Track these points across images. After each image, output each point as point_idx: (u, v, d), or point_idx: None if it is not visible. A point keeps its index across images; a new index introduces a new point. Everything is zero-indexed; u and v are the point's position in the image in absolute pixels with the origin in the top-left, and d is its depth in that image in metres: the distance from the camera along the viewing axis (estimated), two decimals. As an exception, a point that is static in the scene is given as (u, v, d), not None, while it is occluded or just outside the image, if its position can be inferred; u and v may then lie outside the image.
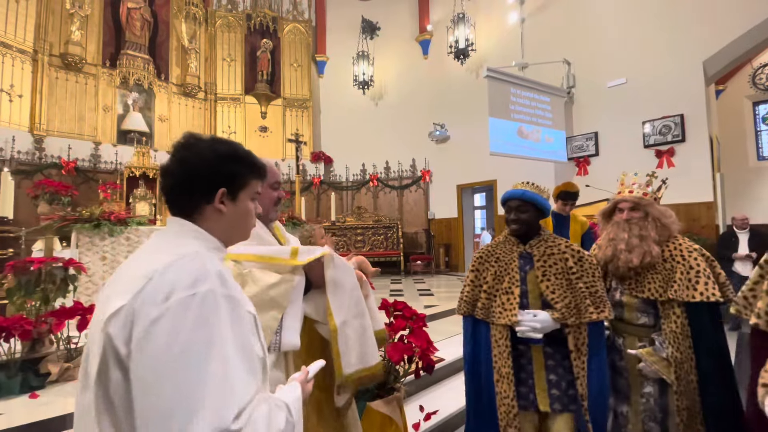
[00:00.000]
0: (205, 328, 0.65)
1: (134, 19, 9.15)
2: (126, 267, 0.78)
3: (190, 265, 0.71)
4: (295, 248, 1.35)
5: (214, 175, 0.82)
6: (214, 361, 0.64)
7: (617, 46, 6.91)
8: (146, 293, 0.66)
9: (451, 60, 9.07)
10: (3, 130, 7.20)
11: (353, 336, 1.38)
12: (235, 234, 0.89)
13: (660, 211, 1.73)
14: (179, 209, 0.83)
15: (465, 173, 9.20)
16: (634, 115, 6.63)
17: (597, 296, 1.62)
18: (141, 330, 0.64)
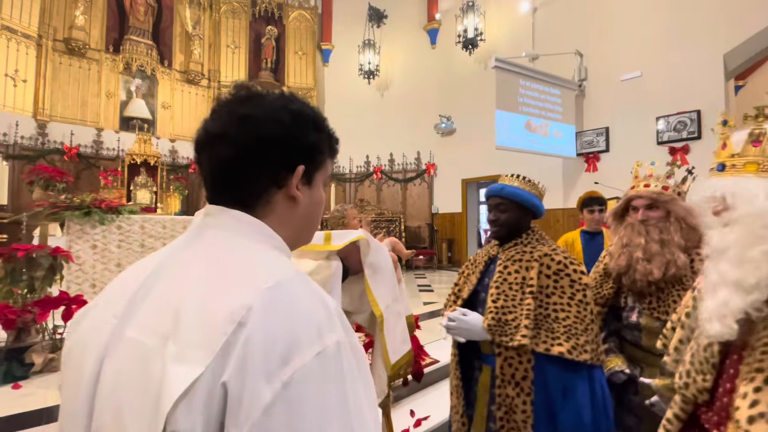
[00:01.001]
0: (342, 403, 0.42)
1: (138, 4, 9.03)
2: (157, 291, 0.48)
3: (303, 299, 0.45)
4: (328, 233, 1.26)
5: (294, 145, 0.56)
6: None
7: (632, 38, 6.63)
8: (244, 353, 0.39)
9: (459, 50, 8.83)
10: (7, 115, 7.17)
11: (393, 322, 1.33)
12: (305, 233, 0.63)
13: (686, 208, 1.35)
14: (234, 196, 0.55)
15: (470, 167, 9.01)
16: (648, 110, 6.38)
17: (564, 324, 1.26)
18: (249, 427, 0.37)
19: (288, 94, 0.61)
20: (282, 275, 0.46)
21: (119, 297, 0.50)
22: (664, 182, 1.42)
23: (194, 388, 0.38)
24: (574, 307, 1.28)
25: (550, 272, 1.33)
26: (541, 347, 1.25)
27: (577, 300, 1.29)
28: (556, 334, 1.26)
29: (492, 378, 1.35)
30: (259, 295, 0.42)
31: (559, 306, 1.29)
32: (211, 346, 0.39)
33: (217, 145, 0.55)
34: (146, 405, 0.40)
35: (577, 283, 1.31)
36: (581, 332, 1.25)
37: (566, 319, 1.27)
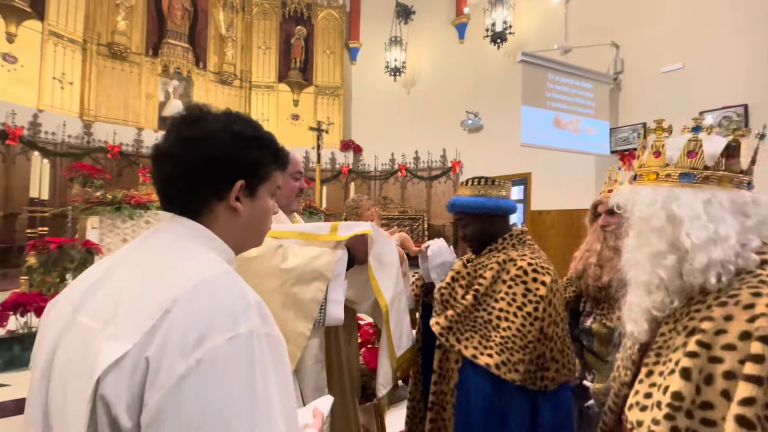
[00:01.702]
0: (248, 386, 0.48)
1: (175, 8, 9.46)
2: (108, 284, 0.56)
3: (225, 292, 0.52)
4: (335, 224, 1.31)
5: (232, 163, 0.63)
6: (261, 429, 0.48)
7: (674, 27, 6.19)
8: (165, 335, 0.47)
9: (487, 44, 8.59)
10: (55, 115, 7.73)
11: (397, 316, 1.34)
12: (249, 239, 0.70)
13: None
14: (180, 206, 0.64)
15: (498, 165, 8.75)
16: (691, 104, 5.92)
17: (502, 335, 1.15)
18: (162, 394, 0.45)
19: (233, 114, 0.68)
20: (208, 274, 0.54)
21: (78, 290, 0.59)
22: None
23: (123, 360, 0.46)
24: (519, 318, 1.15)
25: (507, 277, 1.23)
26: (470, 351, 1.16)
27: (525, 312, 1.16)
28: (489, 343, 1.15)
29: None
30: (185, 290, 0.50)
31: (503, 314, 1.18)
32: (140, 329, 0.48)
33: (165, 162, 0.64)
34: (84, 375, 0.48)
35: (532, 293, 1.18)
36: (518, 348, 1.12)
37: (507, 329, 1.15)
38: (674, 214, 0.74)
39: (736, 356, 0.62)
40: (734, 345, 0.63)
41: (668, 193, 0.77)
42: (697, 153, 0.77)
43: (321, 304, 1.17)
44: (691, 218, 0.72)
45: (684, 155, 0.79)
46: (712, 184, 0.75)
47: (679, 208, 0.74)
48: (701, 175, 0.76)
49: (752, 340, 0.60)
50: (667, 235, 0.75)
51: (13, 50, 7.07)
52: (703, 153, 0.77)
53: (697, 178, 0.77)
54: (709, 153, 0.76)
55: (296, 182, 1.42)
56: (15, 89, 7.14)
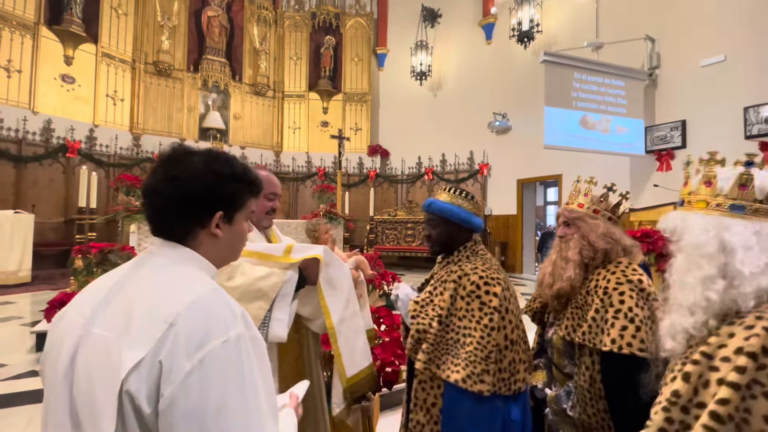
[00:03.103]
0: (240, 378, 0.61)
1: (213, 26, 10.07)
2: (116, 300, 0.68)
3: (216, 306, 0.65)
4: (289, 246, 1.35)
5: (212, 197, 0.74)
6: (252, 413, 0.61)
7: (714, 17, 5.77)
8: (172, 342, 0.59)
9: (515, 44, 8.42)
10: (108, 129, 8.49)
11: (350, 336, 1.37)
12: (228, 257, 0.83)
13: (592, 226, 1.35)
14: (167, 233, 0.74)
15: (527, 167, 8.55)
16: (733, 99, 5.51)
17: (466, 350, 1.20)
18: (173, 387, 0.57)
19: (213, 153, 0.78)
20: (201, 291, 0.67)
21: (86, 303, 0.71)
22: (580, 200, 1.42)
23: (141, 364, 0.59)
24: (478, 332, 1.21)
25: (464, 293, 1.27)
26: (445, 374, 1.21)
27: (483, 325, 1.21)
28: (457, 360, 1.21)
29: None
30: (184, 305, 0.63)
31: (466, 330, 1.23)
32: (152, 339, 0.60)
33: (154, 197, 0.73)
34: (109, 374, 0.60)
35: (486, 306, 1.23)
36: (480, 360, 1.18)
37: (470, 344, 1.21)
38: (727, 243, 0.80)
39: (728, 367, 0.72)
40: (729, 358, 0.73)
41: (719, 223, 0.82)
42: (748, 186, 0.83)
43: (263, 322, 1.23)
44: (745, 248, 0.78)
45: (735, 187, 0.83)
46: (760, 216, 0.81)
47: (731, 237, 0.79)
48: (752, 207, 0.82)
49: (741, 354, 0.71)
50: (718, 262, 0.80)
51: (71, 72, 7.86)
52: (754, 187, 0.82)
53: (748, 210, 0.82)
54: (759, 187, 0.82)
55: (269, 202, 1.49)
56: (73, 107, 7.93)
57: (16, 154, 7.12)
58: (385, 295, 4.84)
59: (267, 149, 10.69)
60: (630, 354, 1.15)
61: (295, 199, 10.60)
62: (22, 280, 5.93)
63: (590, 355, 1.25)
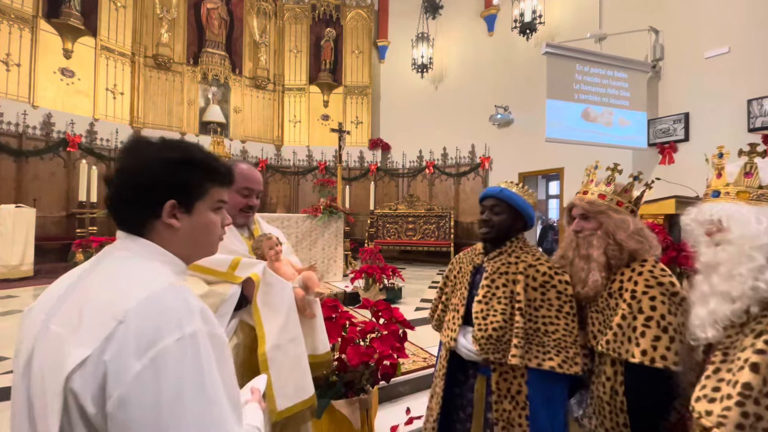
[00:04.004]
0: (196, 375, 0.58)
1: (213, 18, 9.99)
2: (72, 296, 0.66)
3: (170, 301, 0.61)
4: (235, 260, 1.29)
5: (160, 185, 0.70)
6: (212, 410, 0.58)
7: (718, 8, 5.69)
8: (120, 341, 0.56)
9: (517, 36, 8.33)
10: (108, 123, 8.46)
11: (285, 364, 1.26)
12: (197, 250, 0.78)
13: (617, 222, 1.22)
14: (125, 225, 0.72)
15: (529, 160, 8.50)
16: (738, 91, 5.45)
17: (554, 338, 1.27)
18: (123, 387, 0.55)
19: (167, 142, 0.75)
20: (156, 287, 0.63)
21: (48, 300, 0.69)
22: (601, 189, 1.28)
23: (86, 362, 0.57)
24: (563, 320, 1.29)
25: (536, 284, 1.33)
26: (534, 362, 1.27)
27: (565, 312, 1.29)
28: (546, 348, 1.28)
29: (487, 387, 1.38)
30: (136, 302, 0.60)
31: (548, 319, 1.30)
32: (98, 337, 0.57)
33: (110, 188, 0.73)
34: (57, 372, 0.58)
35: (564, 294, 1.30)
36: (570, 345, 1.27)
37: (555, 332, 1.28)
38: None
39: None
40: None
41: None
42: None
43: None
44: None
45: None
46: None
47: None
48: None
49: None
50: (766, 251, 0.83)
51: (71, 65, 7.82)
52: None
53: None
54: None
55: (243, 198, 1.41)
56: (73, 101, 7.90)
57: (16, 149, 7.11)
58: (385, 289, 4.85)
59: (268, 143, 10.66)
60: (664, 368, 1.05)
61: (296, 193, 10.58)
62: (24, 274, 5.96)
63: (613, 365, 1.17)
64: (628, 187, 1.28)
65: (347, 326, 1.98)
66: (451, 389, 1.50)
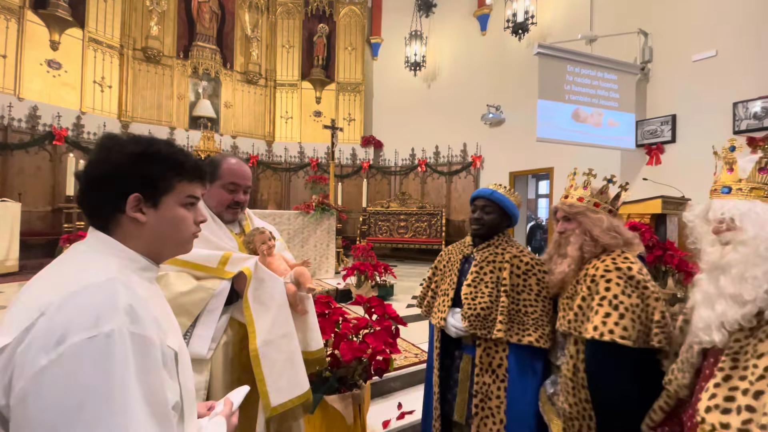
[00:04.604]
0: (104, 379, 0.54)
1: (204, 11, 9.86)
2: (29, 288, 0.65)
3: (94, 297, 0.59)
4: (226, 255, 1.27)
5: (122, 178, 0.70)
6: (116, 419, 0.54)
7: (706, 12, 5.81)
8: (35, 333, 0.55)
9: (509, 36, 8.39)
10: (96, 117, 8.31)
11: (278, 359, 1.24)
12: (166, 247, 0.77)
13: (594, 220, 1.32)
14: (92, 219, 0.72)
15: (520, 159, 8.59)
16: (724, 94, 5.57)
17: (532, 318, 1.47)
18: (25, 381, 0.53)
19: (134, 137, 0.75)
20: (89, 281, 0.61)
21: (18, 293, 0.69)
22: (579, 193, 1.40)
23: (2, 351, 0.56)
24: (540, 303, 1.50)
25: (520, 272, 1.54)
26: (515, 338, 1.47)
27: (542, 297, 1.51)
28: (525, 326, 1.47)
29: (472, 365, 1.58)
30: (62, 295, 0.58)
31: (528, 302, 1.51)
32: (19, 327, 0.56)
33: (78, 183, 0.73)
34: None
35: (542, 282, 1.52)
36: (546, 324, 1.47)
37: (534, 313, 1.49)
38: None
39: None
40: None
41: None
42: None
43: (184, 337, 1.13)
44: None
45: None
46: None
47: None
48: None
49: None
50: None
51: (58, 57, 7.66)
52: None
53: None
54: None
55: (230, 194, 1.39)
56: (60, 93, 7.74)
57: (1, 142, 6.95)
58: (377, 286, 4.87)
59: (259, 139, 10.58)
60: (611, 341, 1.13)
61: (287, 190, 10.53)
62: (9, 270, 5.84)
63: (575, 343, 1.25)
64: (604, 189, 1.40)
65: (341, 322, 2.00)
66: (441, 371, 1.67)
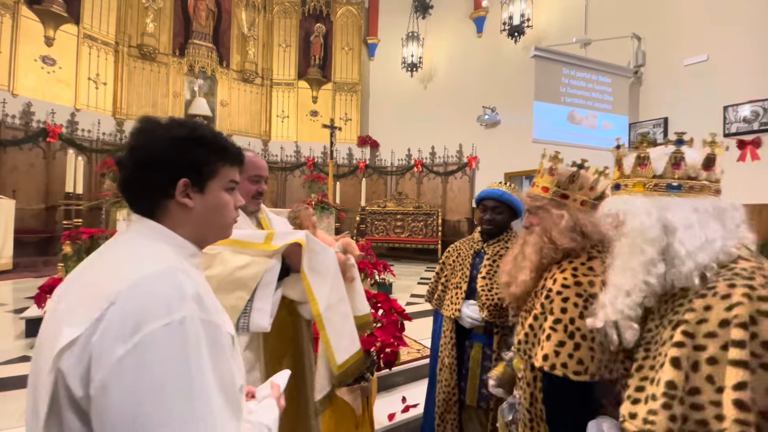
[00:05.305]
0: (182, 365, 0.56)
1: (200, 9, 9.81)
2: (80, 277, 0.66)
3: (161, 285, 0.60)
4: (270, 233, 1.31)
5: (172, 163, 0.69)
6: (197, 403, 0.56)
7: (699, 18, 5.96)
8: (108, 323, 0.55)
9: (505, 38, 8.49)
10: (91, 114, 8.23)
11: (338, 321, 1.33)
12: (211, 232, 0.77)
13: (554, 218, 1.12)
14: (138, 207, 0.71)
15: (514, 160, 8.69)
16: (714, 98, 5.72)
17: None
18: (104, 371, 0.53)
19: (175, 120, 0.74)
20: (151, 269, 0.62)
21: (66, 281, 0.69)
22: (545, 182, 1.19)
23: (75, 342, 0.56)
24: None
25: None
26: None
27: None
28: None
29: (483, 353, 1.66)
30: (128, 284, 0.59)
31: None
32: (89, 318, 0.57)
33: (120, 170, 0.72)
34: (50, 351, 0.58)
35: None
36: None
37: None
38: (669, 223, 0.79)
39: (717, 343, 0.67)
40: (715, 333, 0.68)
41: (661, 204, 0.81)
42: (680, 165, 0.82)
43: (243, 312, 1.19)
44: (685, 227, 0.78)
45: (669, 166, 0.82)
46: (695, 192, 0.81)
47: (673, 217, 0.79)
48: (687, 185, 0.82)
49: (732, 327, 0.66)
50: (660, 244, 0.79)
51: (52, 53, 7.57)
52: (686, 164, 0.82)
53: (684, 188, 0.82)
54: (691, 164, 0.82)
55: (254, 185, 1.45)
56: (54, 90, 7.66)
57: (-6, 138, 6.86)
58: (376, 284, 4.91)
59: (255, 138, 10.56)
60: (563, 376, 0.95)
61: (283, 189, 10.52)
62: (3, 268, 5.77)
63: (532, 369, 1.05)
64: (574, 176, 1.17)
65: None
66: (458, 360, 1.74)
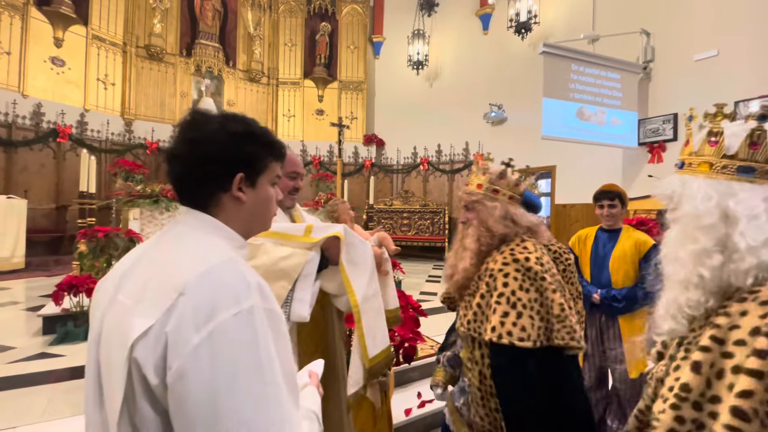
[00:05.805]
0: (253, 352, 0.58)
1: (207, 9, 9.86)
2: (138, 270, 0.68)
3: (228, 276, 0.61)
4: (309, 225, 1.34)
5: (230, 158, 0.71)
6: (269, 388, 0.58)
7: (708, 12, 5.91)
8: (180, 313, 0.57)
9: (512, 35, 8.47)
10: (99, 114, 8.31)
11: (372, 316, 1.34)
12: (256, 224, 0.79)
13: (489, 209, 1.23)
14: (191, 200, 0.72)
15: (521, 157, 8.50)
16: (725, 93, 5.65)
17: None
18: (181, 360, 0.55)
19: (228, 115, 0.75)
20: (215, 261, 0.64)
21: (118, 272, 0.71)
22: (479, 180, 1.29)
23: (148, 332, 0.58)
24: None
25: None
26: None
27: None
28: None
29: None
30: (195, 275, 0.60)
31: None
32: (161, 308, 0.58)
33: (174, 163, 0.72)
34: (122, 341, 0.60)
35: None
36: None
37: None
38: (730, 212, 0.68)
39: (744, 351, 0.60)
40: (744, 341, 0.61)
41: (725, 189, 0.69)
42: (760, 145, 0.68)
43: (285, 301, 1.22)
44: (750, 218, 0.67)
45: (746, 145, 0.69)
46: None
47: (737, 205, 0.68)
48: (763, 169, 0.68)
49: (760, 336, 0.59)
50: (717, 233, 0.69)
51: (61, 54, 7.65)
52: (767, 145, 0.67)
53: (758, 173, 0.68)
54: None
55: (291, 181, 1.48)
56: (63, 90, 7.73)
57: (6, 139, 6.94)
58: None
59: (261, 137, 10.60)
60: (510, 344, 1.02)
61: (290, 188, 10.56)
62: (15, 267, 5.85)
63: (479, 347, 1.12)
64: (502, 173, 1.27)
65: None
66: None
